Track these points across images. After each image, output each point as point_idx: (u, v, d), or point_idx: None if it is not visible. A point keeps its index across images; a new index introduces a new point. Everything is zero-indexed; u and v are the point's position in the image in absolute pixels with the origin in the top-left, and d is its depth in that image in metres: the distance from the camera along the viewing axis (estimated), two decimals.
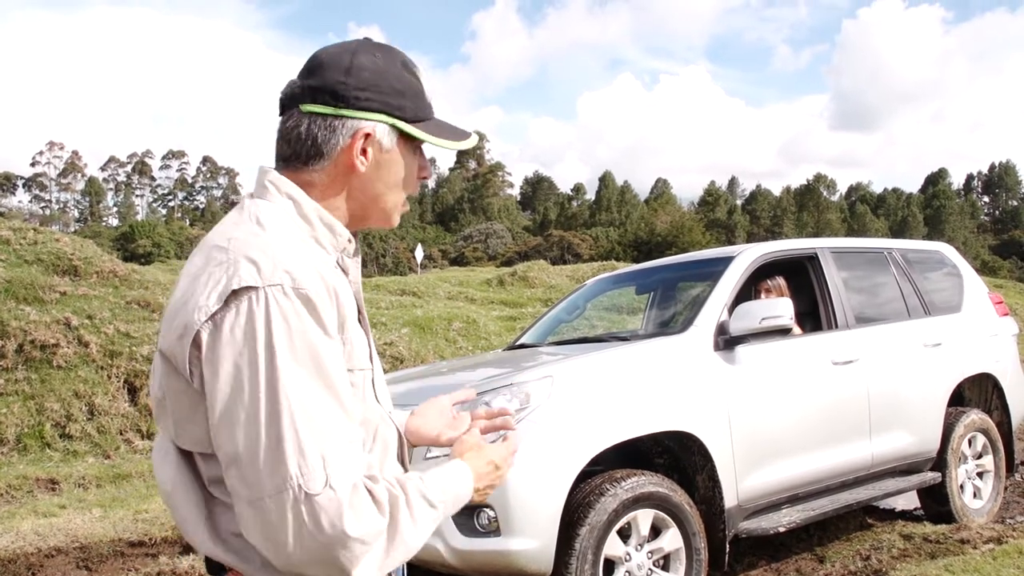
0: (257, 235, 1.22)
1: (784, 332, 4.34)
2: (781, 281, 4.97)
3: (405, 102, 1.31)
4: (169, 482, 1.26)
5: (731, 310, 4.30)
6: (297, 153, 1.30)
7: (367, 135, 1.29)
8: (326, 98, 1.28)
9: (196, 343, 1.14)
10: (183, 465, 1.24)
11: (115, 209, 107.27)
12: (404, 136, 1.32)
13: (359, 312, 1.36)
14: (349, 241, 1.35)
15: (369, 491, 1.15)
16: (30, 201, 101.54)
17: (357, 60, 1.30)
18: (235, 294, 1.13)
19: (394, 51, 1.35)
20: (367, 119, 1.29)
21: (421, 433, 1.58)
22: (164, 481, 1.27)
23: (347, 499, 1.11)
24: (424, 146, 1.39)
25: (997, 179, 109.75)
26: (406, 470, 1.42)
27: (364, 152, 1.30)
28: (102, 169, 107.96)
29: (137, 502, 6.33)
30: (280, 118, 1.33)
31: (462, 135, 1.38)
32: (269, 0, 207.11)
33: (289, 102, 1.32)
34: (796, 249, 5.06)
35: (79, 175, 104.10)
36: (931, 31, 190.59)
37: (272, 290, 1.13)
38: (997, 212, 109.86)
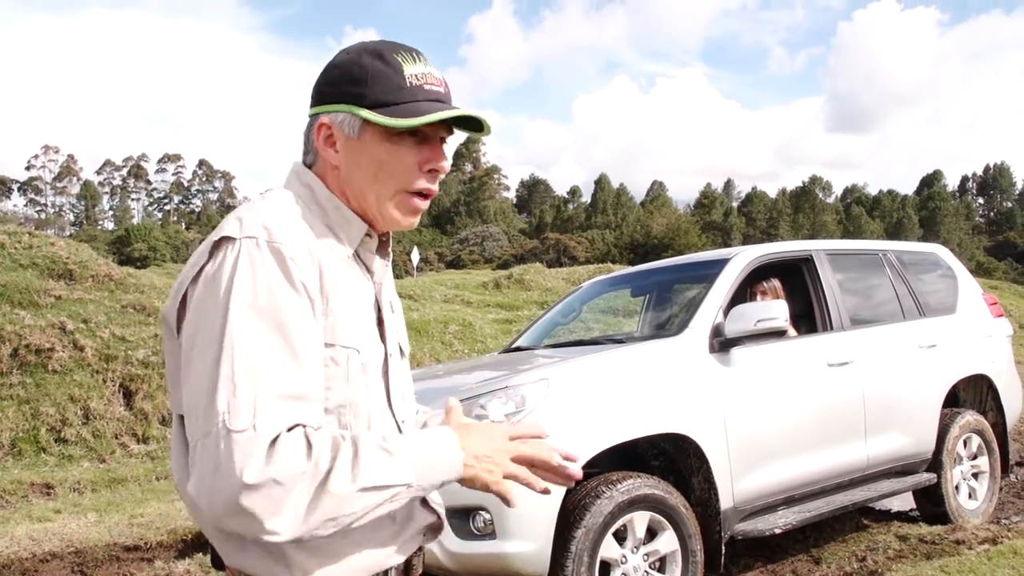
0: (256, 203, 1.29)
1: (779, 334, 4.34)
2: (776, 283, 4.98)
3: (363, 89, 1.28)
4: (173, 450, 1.28)
5: (726, 312, 4.31)
6: (303, 153, 1.39)
7: (323, 125, 1.32)
8: (311, 100, 1.37)
9: (184, 299, 1.21)
10: (181, 430, 1.25)
11: (111, 213, 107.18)
12: (373, 124, 1.28)
13: (379, 314, 1.37)
14: (368, 236, 1.36)
15: (307, 437, 1.12)
16: (25, 205, 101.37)
17: (332, 61, 1.36)
18: (216, 245, 1.20)
19: (369, 44, 1.34)
20: (327, 110, 1.32)
21: None
22: (172, 453, 1.30)
23: (265, 444, 1.08)
24: (451, 138, 1.36)
25: (992, 181, 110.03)
26: None
27: (333, 145, 1.32)
28: (97, 173, 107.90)
29: (133, 506, 6.31)
30: None
31: (426, 112, 1.28)
32: (265, 3, 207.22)
33: None
34: (791, 251, 5.07)
35: (74, 179, 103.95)
36: (926, 33, 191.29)
37: (247, 241, 1.18)
38: (992, 214, 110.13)
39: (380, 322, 1.37)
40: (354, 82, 1.29)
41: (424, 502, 1.39)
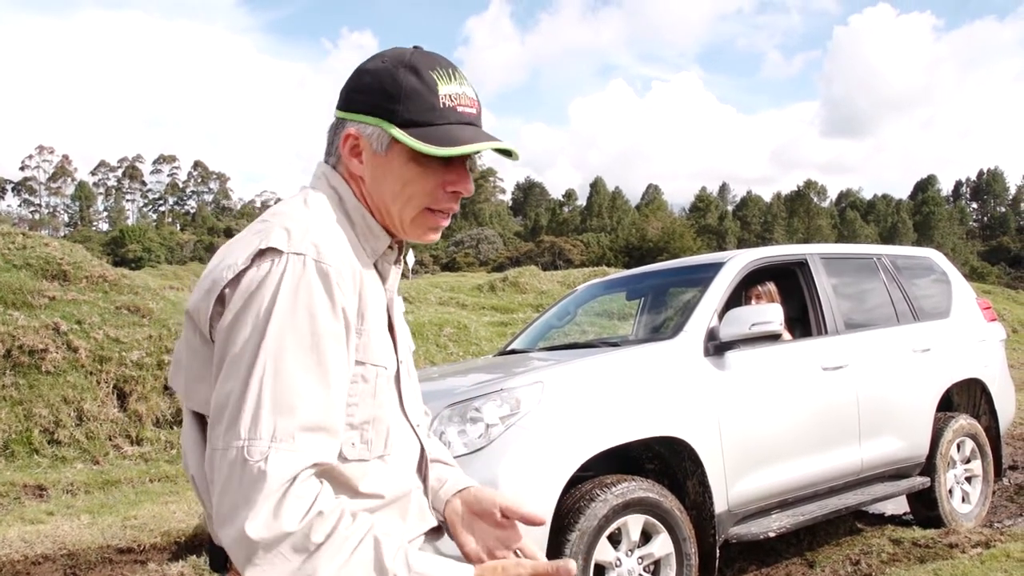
0: (300, 210, 1.25)
1: (774, 338, 4.35)
2: (771, 287, 4.99)
3: (396, 105, 1.25)
4: (187, 446, 1.27)
5: (721, 316, 4.32)
6: (326, 153, 1.36)
7: (351, 135, 1.29)
8: (340, 100, 1.33)
9: (220, 299, 1.17)
10: (195, 428, 1.25)
11: (105, 214, 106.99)
12: (401, 142, 1.25)
13: (389, 322, 1.36)
14: (390, 248, 1.35)
15: (314, 498, 1.09)
16: (19, 205, 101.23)
17: (366, 65, 1.32)
18: (261, 254, 1.16)
19: (406, 55, 1.29)
20: (356, 120, 1.29)
21: (457, 520, 1.46)
22: (184, 450, 1.29)
23: (274, 487, 1.07)
24: (468, 160, 1.31)
25: (985, 186, 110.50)
26: (426, 486, 1.40)
27: (358, 155, 1.29)
28: (92, 173, 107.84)
29: (126, 508, 6.30)
30: None
31: (458, 142, 1.24)
32: (261, 4, 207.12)
33: None
34: (786, 255, 5.08)
35: (69, 179, 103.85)
36: (922, 38, 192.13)
37: (294, 258, 1.15)
38: (985, 218, 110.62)
39: (391, 328, 1.36)
40: (387, 97, 1.26)
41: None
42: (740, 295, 4.93)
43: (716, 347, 4.19)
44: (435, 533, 1.43)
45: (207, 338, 1.19)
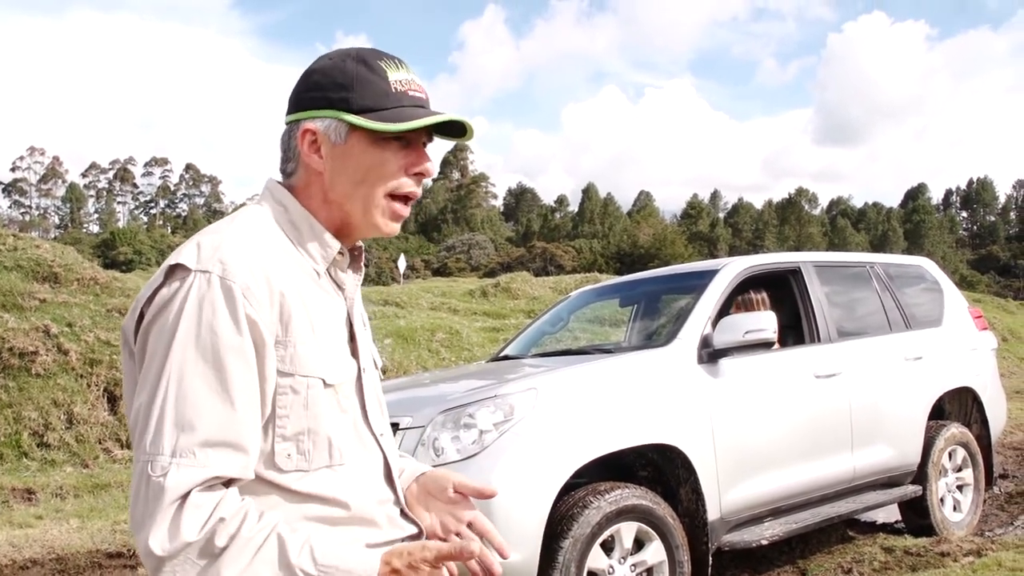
0: (222, 226, 1.27)
1: (767, 345, 4.36)
2: (765, 295, 4.99)
3: (348, 94, 1.29)
4: None
5: (715, 323, 4.32)
6: (281, 162, 1.37)
7: (308, 131, 1.31)
8: (290, 107, 1.36)
9: (141, 317, 1.20)
10: None
11: (96, 216, 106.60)
12: (359, 129, 1.29)
13: (351, 331, 1.36)
14: (341, 254, 1.35)
15: (214, 505, 1.12)
16: (9, 207, 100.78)
17: (313, 66, 1.35)
18: (171, 270, 1.20)
19: (352, 50, 1.34)
20: (311, 116, 1.31)
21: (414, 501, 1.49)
22: None
23: (172, 500, 1.10)
24: (431, 143, 1.36)
25: (975, 195, 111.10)
26: (396, 495, 1.39)
27: (317, 151, 1.31)
28: (83, 175, 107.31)
29: (115, 512, 6.26)
30: None
31: (411, 117, 1.29)
32: (254, 7, 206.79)
33: None
34: (780, 263, 5.09)
35: (60, 181, 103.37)
36: (915, 47, 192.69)
37: (200, 276, 1.17)
38: (975, 227, 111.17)
39: (352, 338, 1.36)
40: (340, 87, 1.29)
41: (404, 513, 1.40)
42: (733, 302, 4.93)
43: (710, 354, 4.20)
44: (414, 539, 1.42)
45: (133, 354, 1.23)
